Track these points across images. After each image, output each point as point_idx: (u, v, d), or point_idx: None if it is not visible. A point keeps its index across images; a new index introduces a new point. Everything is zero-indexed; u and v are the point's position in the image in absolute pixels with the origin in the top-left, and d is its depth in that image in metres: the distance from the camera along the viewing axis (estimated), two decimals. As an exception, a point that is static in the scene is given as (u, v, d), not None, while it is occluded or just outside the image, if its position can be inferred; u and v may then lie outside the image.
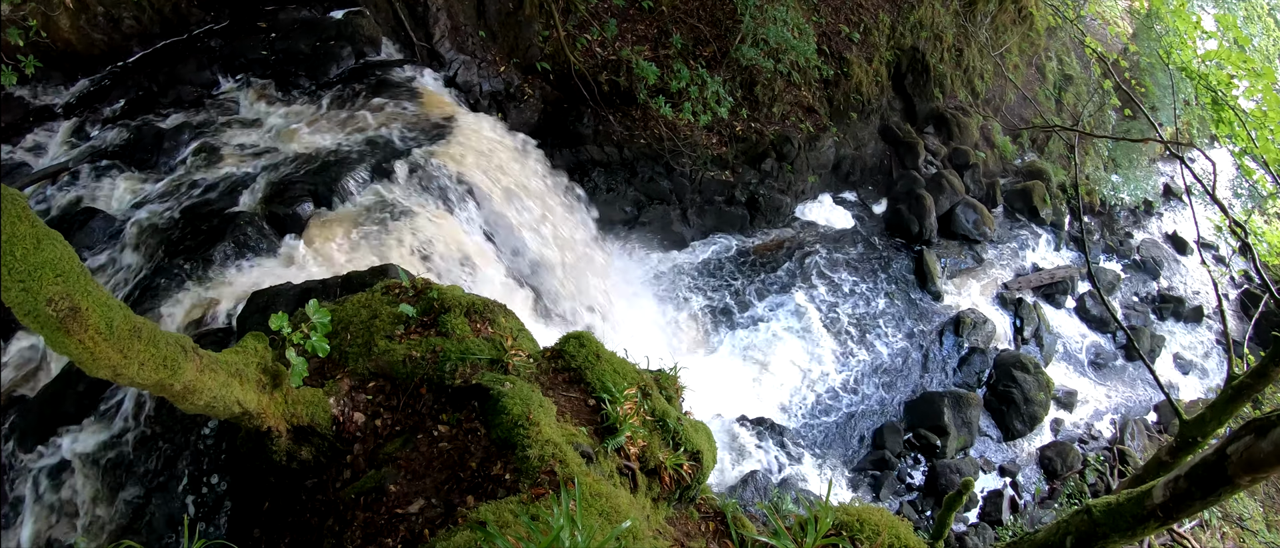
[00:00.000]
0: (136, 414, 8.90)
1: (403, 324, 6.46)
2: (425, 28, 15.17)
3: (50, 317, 3.95)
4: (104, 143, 12.65)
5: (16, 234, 3.97)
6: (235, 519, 6.62)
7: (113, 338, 4.13)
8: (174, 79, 13.60)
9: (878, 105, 20.80)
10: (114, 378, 4.30)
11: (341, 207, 11.19)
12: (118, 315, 4.15)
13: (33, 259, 3.95)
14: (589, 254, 14.57)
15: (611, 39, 16.93)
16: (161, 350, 4.36)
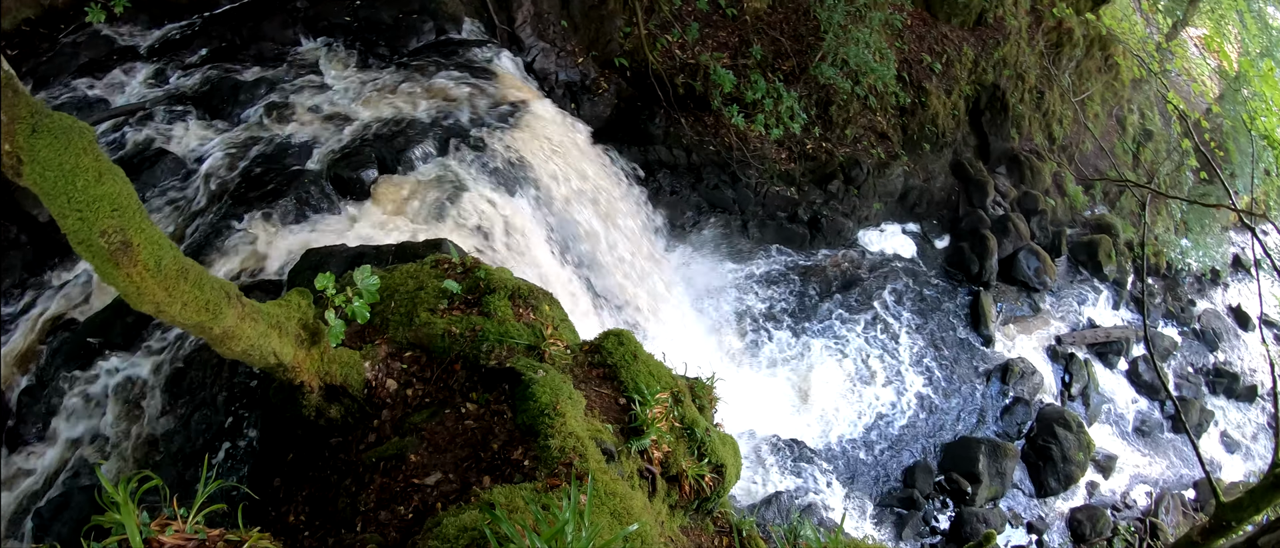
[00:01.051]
0: (177, 353, 9.10)
1: (447, 299, 6.54)
2: (508, 11, 15.30)
3: (102, 248, 4.07)
4: (182, 88, 12.95)
5: (80, 166, 4.11)
6: (258, 466, 6.75)
7: (160, 276, 4.25)
8: (257, 34, 13.93)
9: (952, 139, 20.59)
10: (156, 314, 4.42)
11: (405, 176, 11.32)
12: (167, 254, 4.26)
13: (93, 191, 4.08)
14: (645, 253, 14.57)
15: (692, 42, 16.94)
16: (205, 294, 4.48)
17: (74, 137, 4.16)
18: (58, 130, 4.13)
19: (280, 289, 9.29)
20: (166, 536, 4.81)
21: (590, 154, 14.00)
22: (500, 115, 12.56)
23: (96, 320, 9.84)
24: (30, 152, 4.10)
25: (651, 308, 14.00)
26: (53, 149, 4.09)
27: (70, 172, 4.06)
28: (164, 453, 8.47)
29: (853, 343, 17.65)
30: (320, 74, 13.32)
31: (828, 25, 16.88)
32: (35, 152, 4.09)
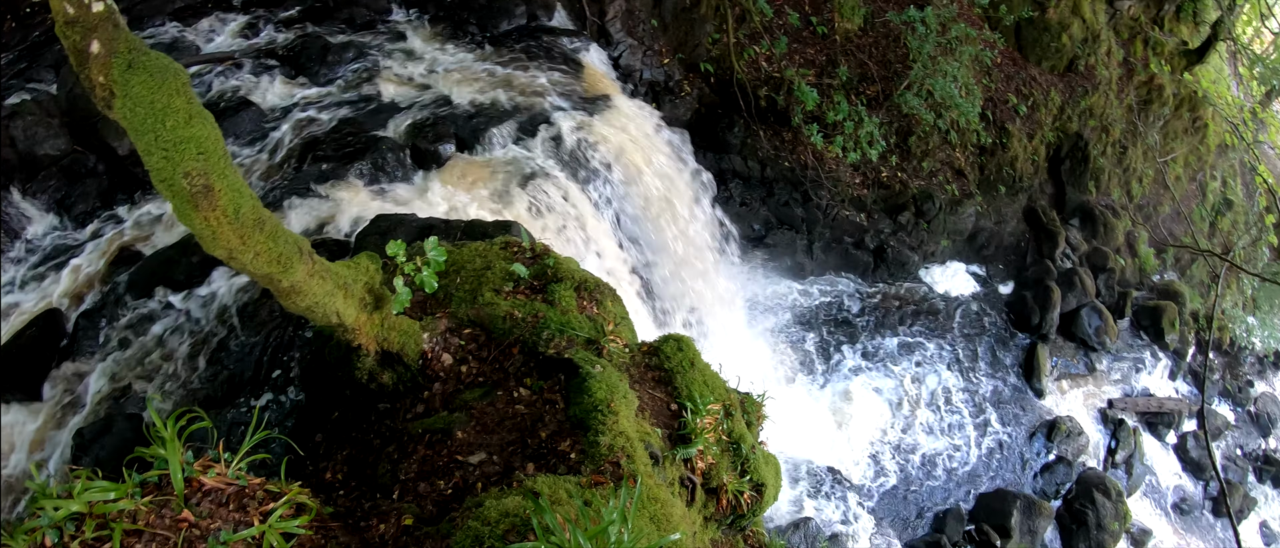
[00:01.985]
0: (236, 298, 9.24)
1: (513, 282, 6.55)
2: (600, 5, 15.32)
3: (184, 189, 4.12)
4: (272, 43, 13.15)
5: (171, 106, 4.15)
6: (303, 419, 6.81)
7: (236, 223, 4.29)
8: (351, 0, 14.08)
9: (1028, 185, 20.28)
10: (228, 260, 4.46)
11: (481, 155, 11.40)
12: (246, 203, 4.30)
13: (181, 132, 4.13)
14: (707, 260, 14.52)
15: (779, 56, 16.85)
16: (278, 246, 4.51)
17: (169, 76, 4.20)
18: (153, 68, 4.18)
19: (346, 249, 9.39)
20: (209, 477, 4.86)
21: (666, 156, 13.96)
22: (582, 107, 12.59)
23: (162, 256, 10.01)
24: (124, 86, 4.15)
25: (706, 315, 13.95)
26: (146, 86, 4.14)
27: (161, 110, 4.11)
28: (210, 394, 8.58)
29: (901, 378, 17.46)
30: (409, 45, 13.46)
31: (917, 54, 16.70)
32: (129, 87, 4.13)
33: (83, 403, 9.26)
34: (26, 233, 11.15)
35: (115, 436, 8.39)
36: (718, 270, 15.15)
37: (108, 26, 4.19)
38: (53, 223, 11.27)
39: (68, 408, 9.29)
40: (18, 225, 11.12)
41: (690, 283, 13.60)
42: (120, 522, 4.67)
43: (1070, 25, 19.92)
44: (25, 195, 11.21)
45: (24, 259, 10.99)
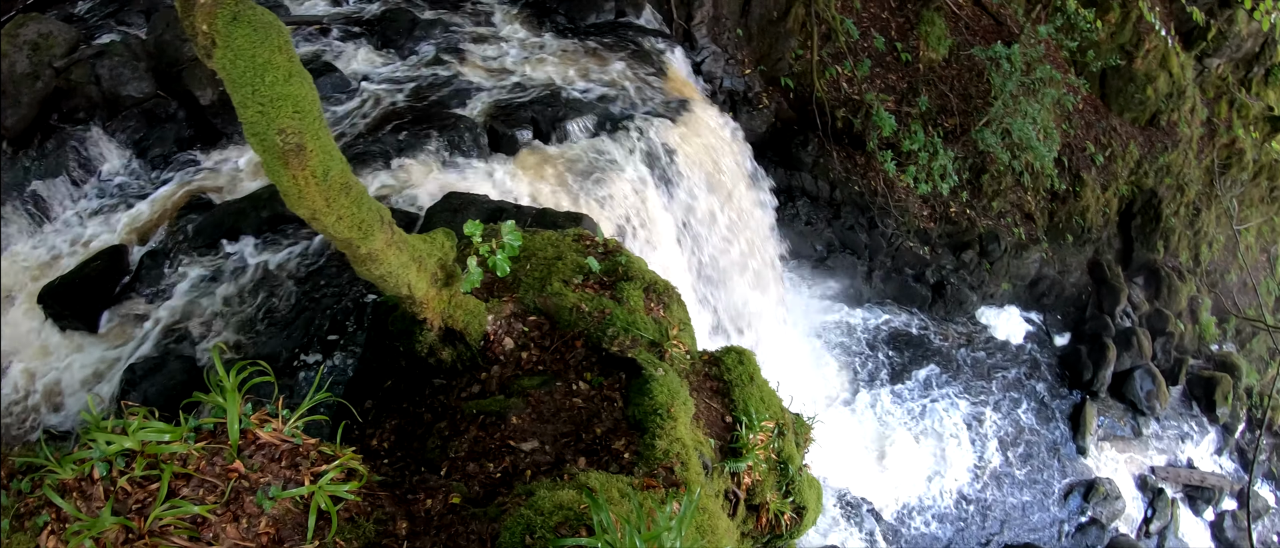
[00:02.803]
0: (303, 257, 9.33)
1: (583, 275, 6.53)
2: (688, 8, 15.29)
3: (277, 146, 4.13)
4: (361, 12, 13.29)
5: (272, 62, 4.16)
6: (354, 384, 6.84)
7: (324, 185, 4.30)
8: None
9: (1097, 237, 19.96)
10: (310, 220, 4.48)
11: (557, 145, 11.44)
12: (336, 166, 4.31)
13: (279, 89, 4.14)
14: (767, 274, 14.47)
15: (860, 78, 16.73)
16: (361, 213, 4.52)
17: (271, 32, 4.21)
18: (257, 23, 4.19)
19: (414, 222, 9.45)
20: (265, 432, 4.87)
21: (738, 167, 13.93)
22: (662, 108, 12.57)
23: (232, 208, 10.15)
24: (227, 37, 4.16)
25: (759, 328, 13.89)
26: (249, 40, 4.15)
27: (261, 65, 4.12)
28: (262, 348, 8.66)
29: (944, 418, 17.28)
30: (495, 28, 13.58)
31: (999, 92, 16.49)
32: (231, 38, 4.15)
33: (137, 339, 9.40)
34: (102, 169, 11.37)
35: (166, 375, 8.54)
36: (776, 286, 15.07)
37: (219, -24, 4.21)
38: (128, 162, 11.47)
39: (123, 342, 9.45)
40: (94, 161, 11.34)
41: (748, 294, 13.54)
42: (170, 464, 4.69)
43: (1156, 78, 19.58)
44: (105, 133, 11.43)
45: (96, 194, 11.21)
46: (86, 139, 11.36)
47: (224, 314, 9.22)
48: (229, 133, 11.60)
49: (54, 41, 11.80)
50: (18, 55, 11.52)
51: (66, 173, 11.18)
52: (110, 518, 4.45)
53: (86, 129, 11.41)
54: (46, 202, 11.02)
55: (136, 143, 11.50)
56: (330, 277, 8.95)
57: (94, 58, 11.78)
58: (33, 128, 11.37)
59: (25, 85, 11.40)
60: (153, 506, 4.55)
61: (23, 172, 11.01)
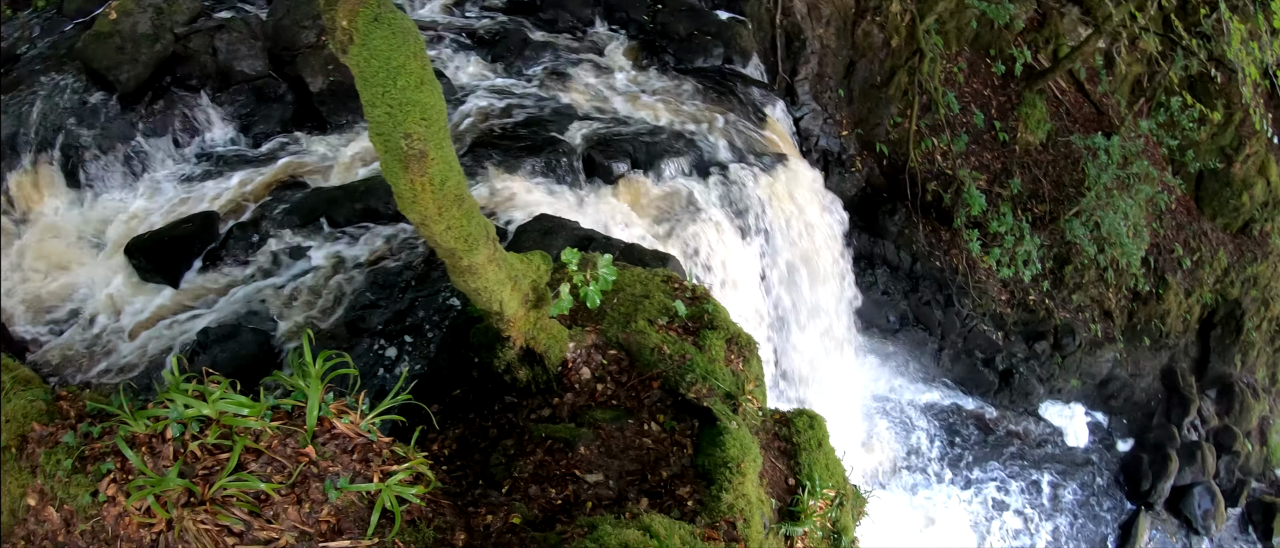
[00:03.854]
0: (390, 252, 9.46)
1: (668, 317, 6.55)
2: (794, 63, 15.32)
3: (400, 149, 4.21)
4: (475, 25, 13.53)
5: (407, 67, 4.25)
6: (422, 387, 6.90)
7: (439, 194, 4.37)
8: (558, 3, 14.52)
9: (1174, 343, 19.51)
10: (418, 225, 4.56)
11: (651, 181, 11.50)
12: (453, 177, 4.38)
13: (410, 94, 4.22)
14: (838, 337, 14.39)
15: (955, 153, 16.60)
16: (470, 226, 4.59)
17: (409, 37, 4.30)
18: (396, 26, 4.28)
19: (504, 239, 9.55)
20: (342, 423, 4.94)
21: (825, 228, 13.86)
22: (757, 160, 12.58)
23: (326, 194, 10.36)
24: (365, 36, 4.26)
25: (825, 391, 13.79)
26: (386, 42, 4.24)
27: (396, 68, 4.21)
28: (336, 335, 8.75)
29: (994, 509, 16.98)
30: (604, 59, 13.74)
31: (1093, 183, 16.23)
32: (370, 38, 4.24)
33: (215, 304, 9.59)
34: (206, 136, 11.70)
35: (239, 344, 8.70)
36: (845, 349, 14.97)
37: (365, -25, 4.31)
38: (231, 134, 11.78)
39: (200, 304, 9.64)
40: (199, 127, 11.66)
41: (817, 353, 13.47)
42: (243, 438, 4.77)
43: (1254, 185, 19.18)
44: (213, 102, 11.78)
45: (196, 159, 11.51)
46: (195, 106, 11.71)
47: (304, 297, 9.39)
48: (333, 122, 11.86)
49: (178, 8, 12.16)
50: (141, 16, 11.87)
51: (171, 134, 11.52)
52: (176, 479, 4.53)
53: (196, 97, 11.76)
54: (148, 158, 11.37)
55: (242, 117, 11.82)
56: (414, 277, 9.07)
57: (214, 30, 12.12)
58: (145, 87, 11.73)
59: (144, 45, 11.74)
60: (219, 474, 4.63)
61: (129, 126, 11.37)
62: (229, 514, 4.55)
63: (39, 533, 4.90)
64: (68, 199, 11.10)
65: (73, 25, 14.15)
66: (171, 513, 4.52)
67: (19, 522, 4.98)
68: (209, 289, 9.84)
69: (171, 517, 4.52)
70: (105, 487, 4.76)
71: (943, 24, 16.62)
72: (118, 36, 11.71)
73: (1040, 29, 18.07)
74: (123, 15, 11.86)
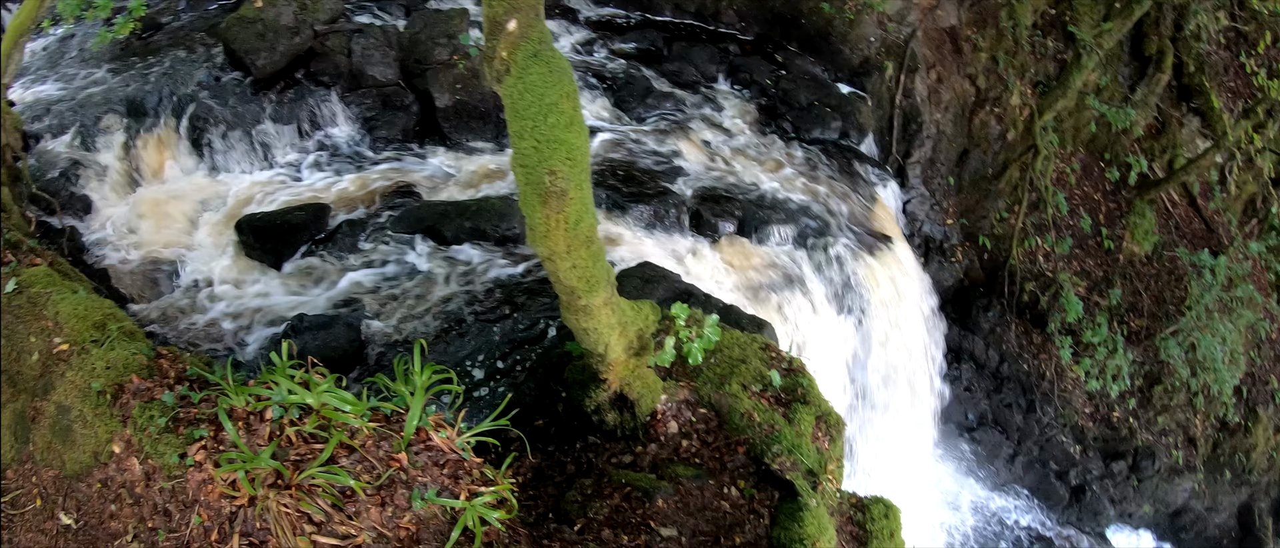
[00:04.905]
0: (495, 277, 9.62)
1: (762, 384, 6.60)
2: (908, 145, 15.29)
3: (542, 184, 4.34)
4: (603, 67, 13.76)
5: (558, 106, 4.39)
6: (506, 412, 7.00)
7: (571, 234, 4.50)
8: (684, 56, 14.71)
9: (1257, 481, 18.82)
10: (544, 258, 4.69)
11: (755, 244, 11.52)
12: (587, 220, 4.50)
13: (558, 133, 4.36)
14: (917, 427, 14.25)
15: (1058, 255, 16.38)
16: (594, 269, 4.71)
17: (563, 77, 4.44)
18: (553, 64, 4.43)
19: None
20: (438, 436, 5.06)
21: (919, 317, 13.76)
22: (862, 238, 12.56)
23: (438, 207, 10.61)
24: (522, 70, 4.40)
25: (895, 478, 13.62)
26: (543, 78, 4.38)
27: (548, 105, 4.34)
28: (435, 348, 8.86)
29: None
30: (722, 117, 13.82)
31: (1194, 302, 15.83)
32: (526, 72, 4.38)
33: (311, 292, 9.83)
34: (329, 132, 12.09)
35: (331, 335, 8.81)
36: (921, 441, 14.81)
37: (530, 12, 4.47)
38: (353, 134, 12.14)
39: (299, 290, 9.92)
40: (324, 122, 12.07)
41: (893, 442, 13.34)
42: (340, 433, 4.90)
43: (1360, 325, 18.61)
44: (341, 102, 12.19)
45: (317, 152, 11.90)
46: (324, 101, 12.10)
47: (400, 302, 9.56)
48: (453, 139, 12.17)
49: (320, 7, 12.60)
50: (285, 8, 12.32)
51: (297, 124, 11.93)
52: (268, 460, 4.66)
53: (326, 93, 12.16)
54: (271, 142, 11.78)
55: (366, 120, 12.19)
56: (512, 302, 9.17)
57: (352, 32, 12.55)
58: (279, 75, 12.20)
59: (284, 36, 12.18)
60: (310, 463, 4.77)
61: (258, 109, 11.80)
62: (312, 503, 4.67)
63: (117, 480, 5.07)
64: (189, 166, 11.55)
65: (217, 5, 14.75)
66: (257, 491, 4.65)
67: (99, 465, 5.16)
68: (309, 277, 10.08)
69: (256, 495, 4.66)
70: (195, 452, 4.91)
71: (1061, 122, 16.47)
72: (261, 23, 12.16)
73: (1158, 137, 17.81)
74: (268, 4, 12.32)
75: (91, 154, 11.29)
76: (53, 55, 14.12)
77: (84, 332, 5.83)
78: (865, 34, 15.25)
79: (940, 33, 15.72)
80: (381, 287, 9.78)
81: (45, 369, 5.65)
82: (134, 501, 5.02)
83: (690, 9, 15.85)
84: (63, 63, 13.76)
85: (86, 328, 5.86)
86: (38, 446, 5.30)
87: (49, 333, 5.91)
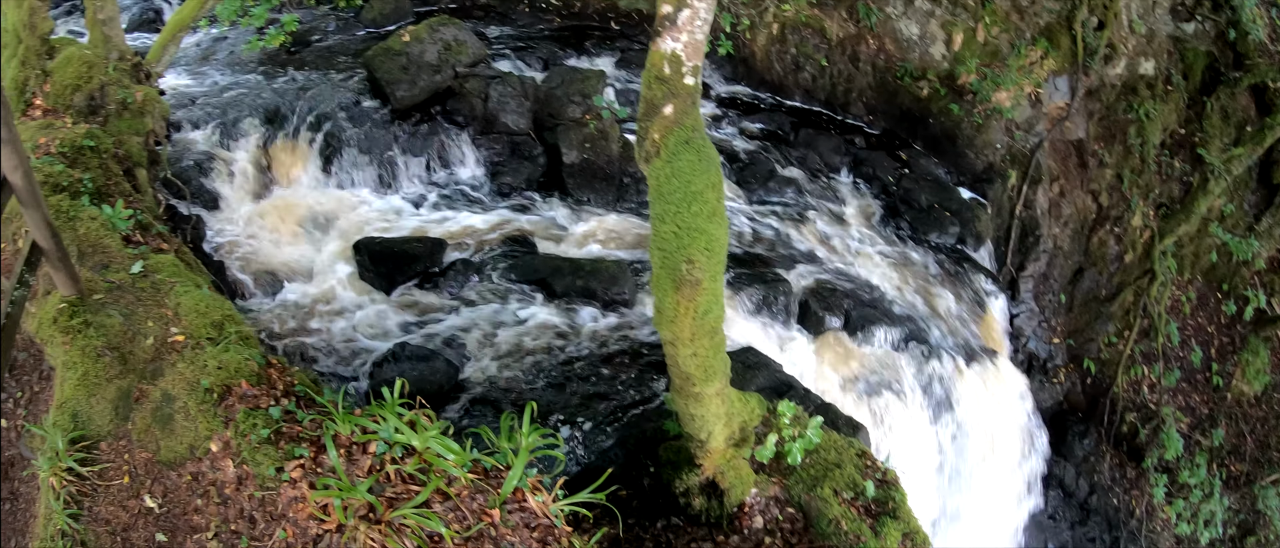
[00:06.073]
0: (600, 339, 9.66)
1: (854, 492, 6.57)
2: (1022, 258, 15.08)
3: (679, 271, 4.44)
4: (730, 145, 13.93)
5: (703, 195, 4.50)
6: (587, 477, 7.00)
7: (698, 323, 4.58)
8: (810, 143, 14.82)
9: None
10: (666, 342, 4.77)
11: (857, 343, 11.42)
12: (716, 311, 4.58)
13: (700, 222, 4.46)
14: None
15: (1163, 387, 15.90)
16: (713, 360, 4.77)
17: (712, 168, 4.54)
18: (704, 154, 4.53)
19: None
20: (533, 499, 5.13)
21: (1017, 440, 13.46)
22: (967, 349, 12.41)
23: (552, 261, 10.83)
24: (672, 155, 4.51)
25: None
26: (691, 166, 4.48)
27: (694, 193, 4.44)
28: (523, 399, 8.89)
29: None
30: (841, 210, 13.84)
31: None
32: (676, 158, 4.49)
33: (417, 323, 10.05)
34: (456, 170, 12.46)
35: (429, 369, 8.96)
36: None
37: (688, 100, 4.59)
38: (479, 176, 12.49)
39: (405, 318, 10.12)
40: (453, 160, 12.46)
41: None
42: (438, 479, 4.98)
43: None
44: (472, 143, 12.62)
45: (443, 187, 12.24)
46: (456, 140, 12.53)
47: (502, 348, 9.66)
48: (575, 196, 12.41)
49: (464, 49, 13.02)
50: (431, 46, 12.77)
51: (427, 158, 12.38)
52: (365, 492, 4.76)
53: (459, 132, 12.58)
54: (399, 171, 12.22)
55: (493, 164, 12.56)
56: (612, 368, 9.18)
57: (490, 78, 12.97)
58: (416, 109, 12.71)
59: (426, 72, 12.62)
60: (405, 502, 4.86)
61: (392, 138, 12.28)
62: (399, 542, 4.76)
63: (208, 477, 5.22)
64: (317, 180, 12.03)
65: (366, 32, 15.32)
66: (349, 520, 4.75)
67: (193, 459, 5.32)
68: (416, 307, 10.28)
69: (346, 523, 4.75)
70: (292, 468, 5.04)
71: (1181, 247, 16.06)
72: (405, 57, 12.61)
73: (1279, 271, 17.28)
74: (414, 40, 12.77)
75: (226, 152, 11.85)
76: (205, 52, 14.84)
77: (201, 328, 6.07)
78: (992, 140, 15.18)
79: (1067, 145, 15.53)
80: (485, 329, 9.94)
81: (157, 355, 5.86)
82: (221, 501, 5.17)
83: (820, 96, 16.04)
84: (212, 61, 14.46)
85: (205, 325, 6.09)
86: (137, 426, 5.48)
87: (167, 321, 6.14)
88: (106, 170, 8.30)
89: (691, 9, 4.41)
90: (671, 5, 4.41)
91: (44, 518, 5.18)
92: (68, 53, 9.46)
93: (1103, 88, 15.31)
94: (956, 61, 15.13)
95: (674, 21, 4.41)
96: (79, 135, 8.36)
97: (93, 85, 9.20)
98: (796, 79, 16.06)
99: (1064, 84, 15.08)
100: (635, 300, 10.37)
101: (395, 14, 16.06)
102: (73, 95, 9.11)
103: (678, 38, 4.42)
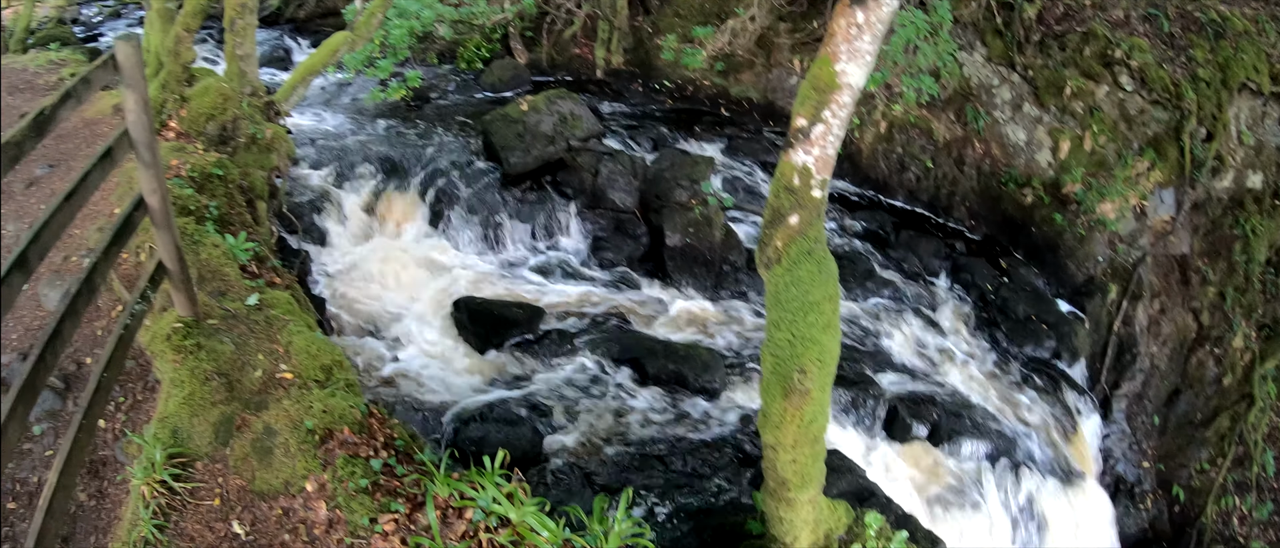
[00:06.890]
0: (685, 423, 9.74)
1: (935, 611, 6.54)
2: (1118, 376, 14.78)
3: (790, 379, 4.55)
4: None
5: (820, 306, 4.62)
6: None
7: (803, 430, 4.67)
8: (910, 245, 14.81)
9: None
10: (767, 445, 4.86)
11: (944, 454, 11.29)
12: (820, 422, 4.67)
13: (815, 333, 4.58)
14: None
15: (1255, 520, 15.37)
16: (812, 468, 4.86)
17: (830, 280, 4.66)
18: (824, 265, 4.65)
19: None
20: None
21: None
22: (1054, 469, 12.14)
23: (646, 342, 10.95)
24: (793, 263, 4.64)
25: None
26: (811, 276, 4.60)
27: (811, 304, 4.56)
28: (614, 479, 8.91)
29: None
30: (936, 315, 13.74)
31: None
32: (797, 267, 4.62)
33: (507, 386, 10.21)
34: (560, 240, 12.74)
35: (515, 434, 9.04)
36: None
37: (813, 212, 4.73)
38: (582, 248, 12.78)
39: (496, 380, 10.28)
40: (558, 230, 12.76)
41: None
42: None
43: None
44: (578, 216, 12.95)
45: (545, 255, 12.54)
46: (563, 211, 12.87)
47: (588, 422, 9.71)
48: (674, 278, 12.59)
49: (578, 123, 13.40)
50: (547, 117, 13.16)
51: (533, 225, 12.72)
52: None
53: (567, 204, 12.92)
54: (504, 235, 12.57)
55: (597, 238, 12.89)
56: (699, 457, 9.14)
57: (601, 154, 13.34)
58: (528, 176, 13.14)
59: (539, 142, 13.01)
60: (492, 569, 4.94)
61: (501, 201, 12.69)
62: (478, 609, 4.84)
63: (299, 515, 5.35)
64: (424, 232, 12.46)
65: (483, 95, 15.80)
66: (436, 581, 4.85)
67: (287, 494, 5.45)
68: (508, 371, 10.42)
69: (433, 584, 4.85)
70: (386, 521, 5.18)
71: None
72: (521, 125, 13.02)
73: (1385, 400, 16.67)
74: (532, 110, 13.17)
75: (340, 193, 12.36)
76: (329, 96, 15.44)
77: (311, 369, 6.29)
78: (1094, 252, 15.01)
79: (1170, 260, 15.25)
80: (574, 401, 10.04)
81: (264, 388, 6.07)
82: (309, 540, 5.28)
83: (923, 198, 16.12)
84: (335, 105, 15.05)
85: (314, 367, 6.32)
86: (235, 453, 5.64)
87: (277, 357, 6.37)
88: (231, 200, 8.69)
89: (825, 124, 4.56)
90: (806, 119, 4.57)
91: (129, 523, 5.32)
92: (206, 83, 10.00)
93: (1209, 201, 15.06)
94: (1062, 169, 15.05)
95: (807, 135, 4.56)
96: (209, 163, 8.78)
97: (226, 116, 9.70)
98: (901, 179, 16.17)
99: (1170, 196, 14.88)
100: (724, 390, 10.43)
101: (513, 81, 16.60)
102: (206, 123, 9.60)
103: (810, 151, 4.57)
